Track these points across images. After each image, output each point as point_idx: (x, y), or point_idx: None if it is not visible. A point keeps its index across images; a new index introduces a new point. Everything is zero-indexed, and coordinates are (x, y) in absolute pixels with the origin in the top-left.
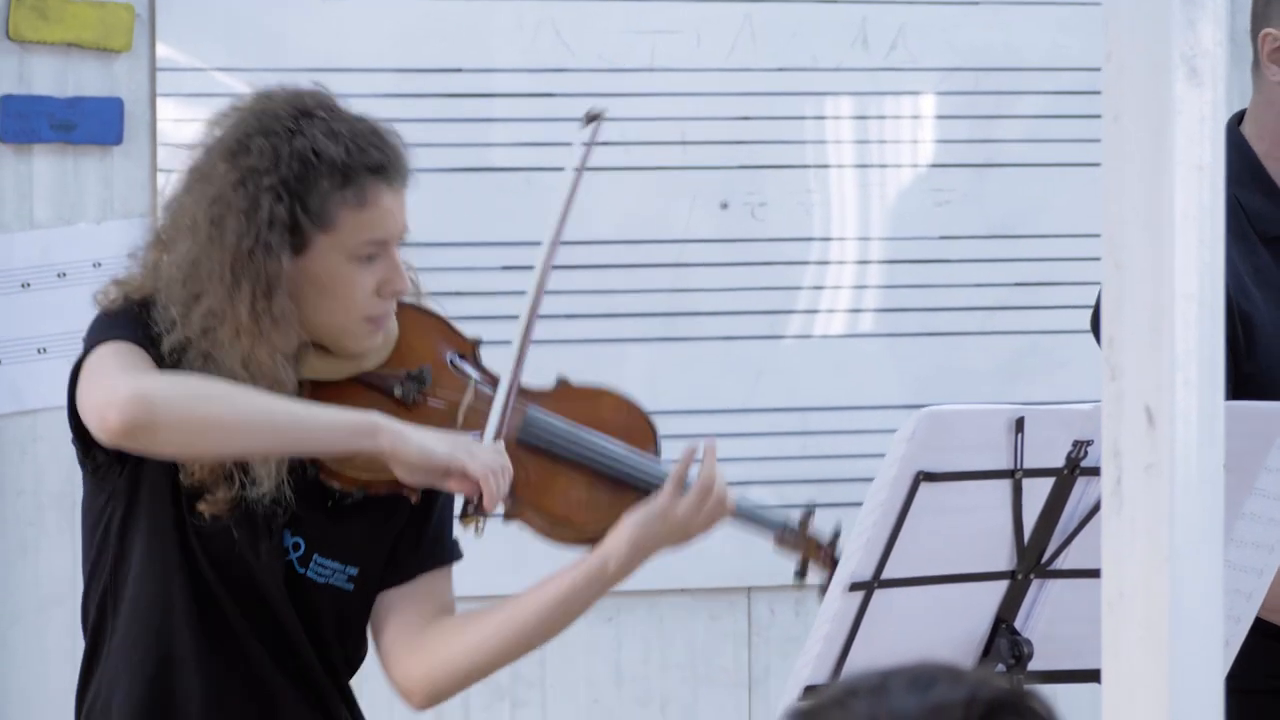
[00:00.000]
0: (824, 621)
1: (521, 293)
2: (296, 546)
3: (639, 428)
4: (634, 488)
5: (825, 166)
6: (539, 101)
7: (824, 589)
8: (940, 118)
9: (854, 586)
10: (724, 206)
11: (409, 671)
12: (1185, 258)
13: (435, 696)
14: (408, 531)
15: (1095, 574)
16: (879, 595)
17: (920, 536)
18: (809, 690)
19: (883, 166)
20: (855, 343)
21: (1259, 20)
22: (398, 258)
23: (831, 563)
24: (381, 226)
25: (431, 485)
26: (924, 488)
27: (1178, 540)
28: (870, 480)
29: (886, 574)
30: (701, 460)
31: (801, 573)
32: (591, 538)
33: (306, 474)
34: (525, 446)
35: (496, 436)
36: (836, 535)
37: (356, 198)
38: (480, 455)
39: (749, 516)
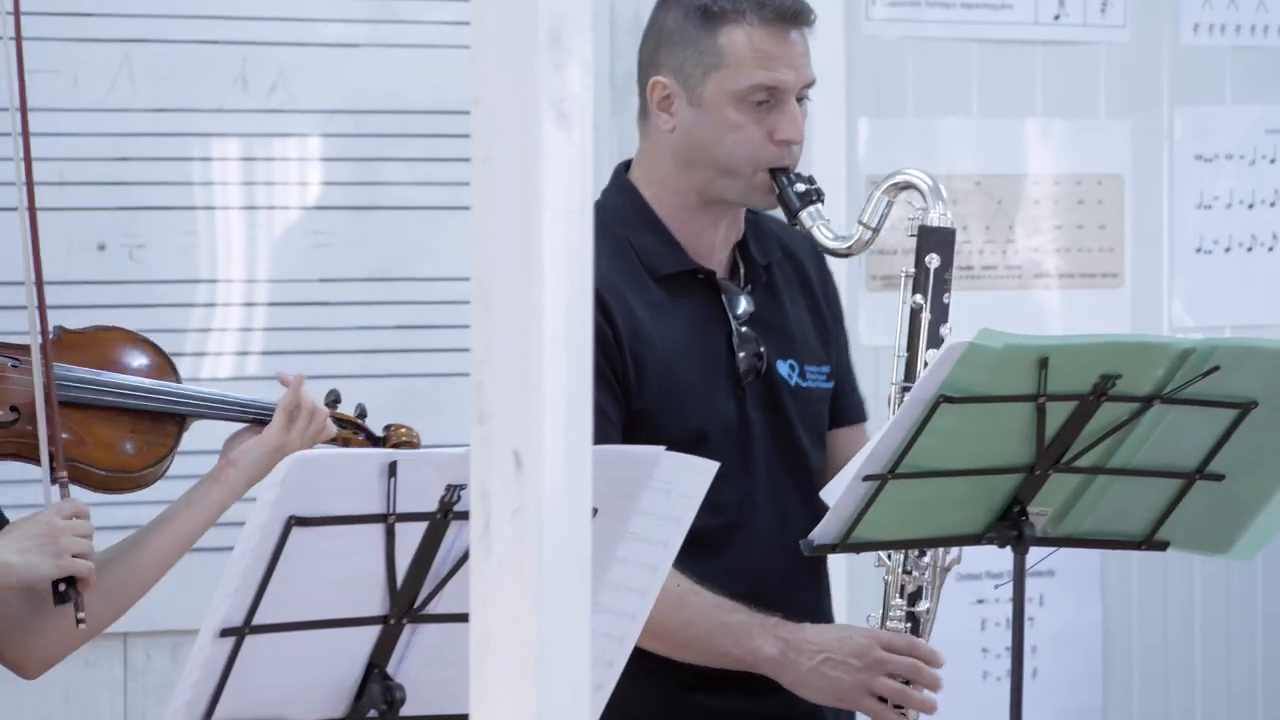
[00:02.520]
0: (194, 668)
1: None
2: None
3: (155, 360)
4: (173, 416)
5: (211, 208)
6: None
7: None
8: (324, 160)
9: (224, 632)
10: (101, 248)
11: (27, 647)
12: (554, 302)
13: (53, 664)
14: None
15: (467, 618)
16: (251, 641)
17: (293, 581)
18: None
19: (270, 208)
20: (242, 386)
21: (647, 69)
22: None
23: (371, 437)
24: None
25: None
26: (296, 532)
27: (546, 584)
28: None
29: (258, 619)
30: (294, 387)
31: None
32: (149, 482)
33: None
34: (62, 405)
35: (56, 484)
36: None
37: None
38: (65, 545)
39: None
